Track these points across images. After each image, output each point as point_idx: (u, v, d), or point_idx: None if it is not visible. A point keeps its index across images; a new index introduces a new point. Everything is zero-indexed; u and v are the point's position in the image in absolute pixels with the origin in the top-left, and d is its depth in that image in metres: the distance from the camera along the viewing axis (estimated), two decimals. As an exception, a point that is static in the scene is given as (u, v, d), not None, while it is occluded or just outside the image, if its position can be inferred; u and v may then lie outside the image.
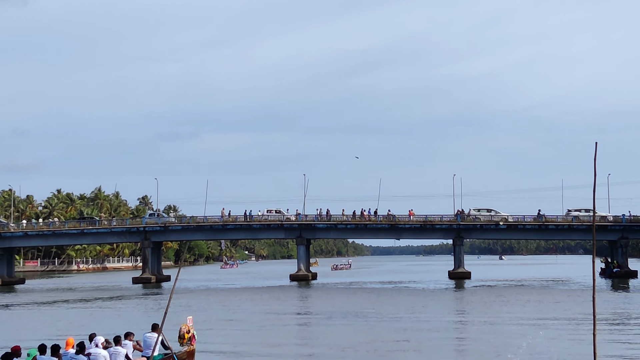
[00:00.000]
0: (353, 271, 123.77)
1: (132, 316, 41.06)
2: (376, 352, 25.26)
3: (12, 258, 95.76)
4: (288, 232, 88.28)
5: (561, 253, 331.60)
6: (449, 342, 27.62)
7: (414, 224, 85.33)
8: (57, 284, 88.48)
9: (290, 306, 46.71)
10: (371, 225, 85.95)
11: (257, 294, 60.58)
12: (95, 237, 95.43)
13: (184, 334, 21.41)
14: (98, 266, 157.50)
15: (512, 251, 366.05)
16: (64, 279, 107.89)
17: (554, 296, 53.73)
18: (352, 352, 25.23)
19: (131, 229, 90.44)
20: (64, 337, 19.96)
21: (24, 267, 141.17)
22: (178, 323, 22.75)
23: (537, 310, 41.10)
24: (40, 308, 49.52)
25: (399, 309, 42.78)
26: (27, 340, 26.86)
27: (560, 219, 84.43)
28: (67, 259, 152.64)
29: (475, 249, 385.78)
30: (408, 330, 31.25)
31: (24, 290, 75.63)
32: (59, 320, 39.95)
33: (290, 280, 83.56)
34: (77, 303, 53.64)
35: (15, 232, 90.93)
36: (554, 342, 26.58)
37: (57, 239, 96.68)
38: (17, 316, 44.02)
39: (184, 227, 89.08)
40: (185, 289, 70.95)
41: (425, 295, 57.44)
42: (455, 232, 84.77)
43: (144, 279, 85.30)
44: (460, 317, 38.49)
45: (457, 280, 79.64)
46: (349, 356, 24.53)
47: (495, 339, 27.67)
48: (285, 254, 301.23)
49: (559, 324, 33.03)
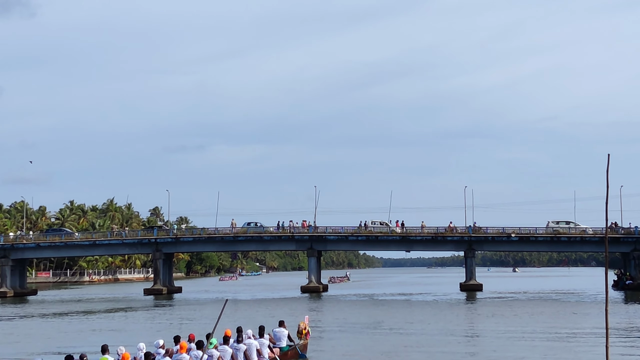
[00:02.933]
0: (362, 283, 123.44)
1: (156, 326, 41.10)
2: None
3: (24, 269, 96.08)
4: (299, 244, 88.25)
5: (573, 265, 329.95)
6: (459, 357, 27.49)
7: (425, 235, 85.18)
8: (70, 295, 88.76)
9: (299, 319, 46.53)
10: (382, 237, 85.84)
11: (268, 306, 60.49)
12: (107, 249, 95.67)
13: (301, 330, 25.51)
14: (110, 277, 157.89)
15: (524, 263, 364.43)
16: (76, 290, 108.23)
17: (566, 308, 53.45)
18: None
19: (143, 240, 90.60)
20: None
21: (36, 278, 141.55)
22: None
23: (551, 322, 40.87)
24: (62, 318, 49.60)
25: (411, 320, 42.63)
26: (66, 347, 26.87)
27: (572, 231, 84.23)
28: (79, 270, 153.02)
29: (487, 261, 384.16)
30: (419, 342, 31.14)
31: (36, 301, 75.83)
32: (91, 329, 40.04)
33: (301, 292, 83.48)
34: (100, 314, 53.78)
35: (28, 243, 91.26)
36: (567, 354, 26.47)
37: (69, 250, 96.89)
38: (49, 326, 44.04)
39: (195, 239, 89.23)
40: (195, 301, 71.06)
41: (436, 307, 57.25)
42: (467, 244, 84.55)
43: (156, 291, 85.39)
44: (470, 329, 38.33)
45: (468, 292, 79.35)
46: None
47: (506, 352, 27.53)
48: (296, 265, 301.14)
49: (572, 336, 32.85)
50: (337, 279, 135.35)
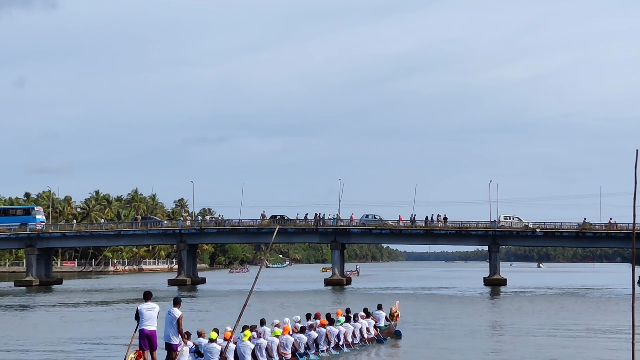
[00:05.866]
0: (386, 275, 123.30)
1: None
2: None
3: (49, 259, 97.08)
4: (323, 237, 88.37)
5: (598, 261, 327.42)
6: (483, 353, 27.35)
7: (449, 229, 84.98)
8: (95, 285, 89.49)
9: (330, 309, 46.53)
10: (406, 231, 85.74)
11: (291, 298, 60.58)
12: (131, 239, 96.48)
13: (393, 312, 31.00)
14: (134, 267, 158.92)
15: (549, 258, 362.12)
16: (101, 279, 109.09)
17: (592, 304, 53.04)
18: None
19: (167, 231, 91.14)
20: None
21: (62, 267, 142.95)
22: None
23: (575, 318, 40.57)
24: (99, 307, 50.04)
25: (435, 314, 42.48)
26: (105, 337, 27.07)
27: (598, 226, 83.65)
28: (104, 260, 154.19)
29: (510, 255, 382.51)
30: (444, 337, 31.02)
31: (61, 290, 76.51)
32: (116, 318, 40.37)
33: (325, 285, 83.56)
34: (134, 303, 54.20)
35: (54, 232, 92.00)
36: (592, 352, 26.29)
37: (94, 240, 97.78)
38: (87, 315, 44.46)
39: (220, 230, 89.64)
40: (220, 292, 71.39)
41: (460, 301, 57.04)
42: (491, 239, 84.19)
43: (180, 281, 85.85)
44: (495, 324, 38.14)
45: (492, 287, 79.04)
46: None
47: (530, 348, 27.36)
48: (319, 258, 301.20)
49: (597, 333, 32.61)
50: (348, 272, 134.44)
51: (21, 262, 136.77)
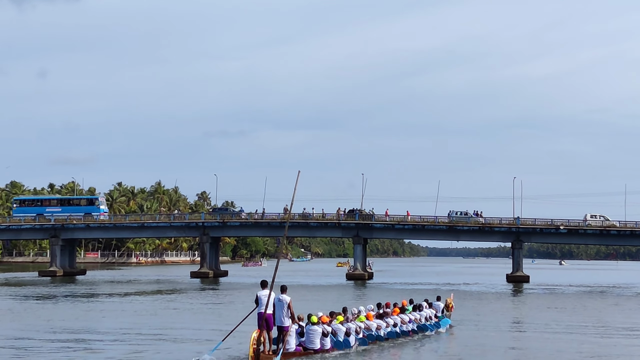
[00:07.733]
0: (406, 270, 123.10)
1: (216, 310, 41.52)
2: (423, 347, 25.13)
3: (73, 249, 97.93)
4: (345, 231, 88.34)
5: (621, 259, 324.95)
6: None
7: (472, 226, 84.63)
8: (119, 276, 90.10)
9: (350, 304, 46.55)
10: (429, 227, 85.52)
11: (315, 292, 60.51)
12: (154, 231, 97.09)
13: (449, 304, 32.98)
14: (157, 259, 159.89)
15: (572, 256, 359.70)
16: (124, 270, 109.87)
17: (614, 302, 52.67)
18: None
19: (190, 223, 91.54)
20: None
21: (85, 258, 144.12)
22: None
23: (599, 316, 40.27)
24: (125, 299, 50.37)
25: (461, 311, 42.33)
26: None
27: (621, 224, 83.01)
28: (127, 251, 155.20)
29: (533, 252, 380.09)
30: (470, 335, 30.92)
31: (85, 281, 77.12)
32: (173, 308, 40.63)
33: (347, 279, 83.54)
34: (169, 294, 54.44)
35: (78, 223, 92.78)
36: (616, 349, 26.09)
37: (118, 232, 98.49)
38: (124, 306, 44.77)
39: (242, 224, 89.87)
40: (238, 284, 71.61)
41: (484, 297, 56.79)
42: (515, 236, 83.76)
43: (202, 274, 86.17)
44: (520, 322, 37.95)
45: (515, 284, 78.65)
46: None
47: (550, 345, 27.20)
48: (340, 252, 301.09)
49: (620, 332, 32.36)
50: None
51: (45, 253, 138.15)
